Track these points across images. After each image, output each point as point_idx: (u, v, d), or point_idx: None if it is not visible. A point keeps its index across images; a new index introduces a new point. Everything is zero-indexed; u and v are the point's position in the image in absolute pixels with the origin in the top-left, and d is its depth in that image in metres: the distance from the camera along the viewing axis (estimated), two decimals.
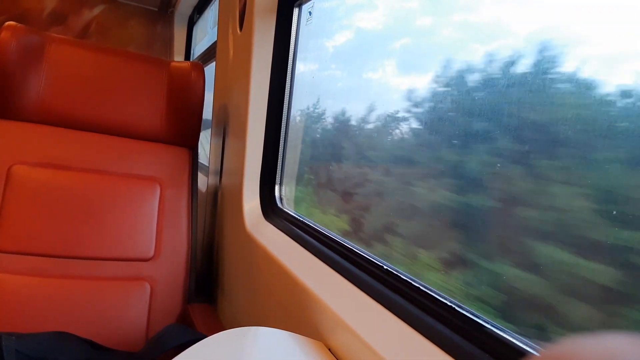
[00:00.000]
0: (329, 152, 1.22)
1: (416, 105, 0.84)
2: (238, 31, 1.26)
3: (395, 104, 0.91)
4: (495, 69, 0.67)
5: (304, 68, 1.21)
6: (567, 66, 0.58)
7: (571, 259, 0.55)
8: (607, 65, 0.53)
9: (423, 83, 0.83)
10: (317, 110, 1.25)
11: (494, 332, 0.54)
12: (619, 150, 0.51)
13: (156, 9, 2.84)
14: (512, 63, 0.64)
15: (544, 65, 0.59)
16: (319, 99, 1.23)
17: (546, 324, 0.59)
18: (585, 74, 0.55)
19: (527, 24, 0.65)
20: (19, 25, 1.18)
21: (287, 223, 1.10)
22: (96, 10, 2.66)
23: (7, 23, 1.17)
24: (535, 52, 0.61)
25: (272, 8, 1.15)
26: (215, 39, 1.60)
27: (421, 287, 0.67)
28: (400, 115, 0.89)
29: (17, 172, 1.14)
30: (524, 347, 0.51)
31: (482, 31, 0.75)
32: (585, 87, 0.55)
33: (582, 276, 0.54)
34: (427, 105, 0.82)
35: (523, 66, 0.63)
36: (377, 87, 1.03)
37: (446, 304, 0.62)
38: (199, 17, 2.75)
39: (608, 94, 0.52)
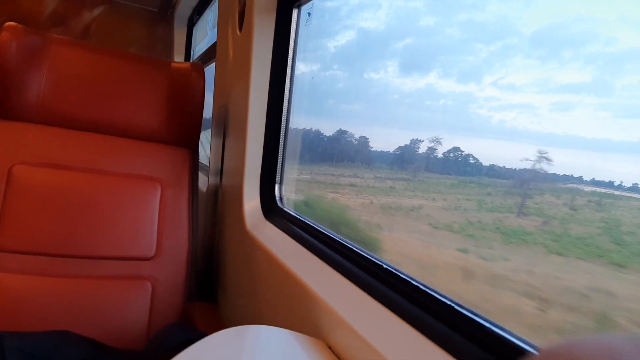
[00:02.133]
0: None
1: None
2: (238, 32, 1.27)
3: None
4: None
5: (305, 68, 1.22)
6: None
7: None
8: None
9: None
10: None
11: (493, 330, 0.55)
12: None
13: (156, 10, 2.84)
14: None
15: None
16: None
17: None
18: None
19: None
20: (20, 25, 1.19)
21: (287, 222, 1.11)
22: (96, 12, 2.66)
23: (7, 24, 1.18)
24: None
25: (271, 9, 1.15)
26: (215, 40, 1.61)
27: (420, 286, 0.68)
28: None
29: (18, 172, 1.15)
30: (523, 345, 0.51)
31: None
32: None
33: None
34: None
35: None
36: None
37: (445, 302, 0.63)
38: (198, 18, 2.76)
39: None
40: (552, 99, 0.64)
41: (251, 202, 1.20)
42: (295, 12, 1.16)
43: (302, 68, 1.21)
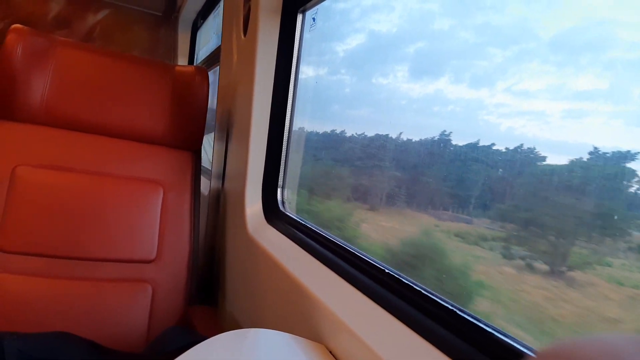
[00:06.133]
0: None
1: None
2: (242, 36, 1.27)
3: None
4: None
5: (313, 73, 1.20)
6: None
7: None
8: None
9: None
10: None
11: (494, 334, 0.55)
12: None
13: (160, 14, 2.86)
14: None
15: None
16: None
17: None
18: None
19: None
20: (25, 28, 1.19)
21: (289, 226, 1.11)
22: (100, 15, 2.68)
23: (13, 26, 1.18)
24: None
25: (276, 14, 1.16)
26: (219, 44, 1.62)
27: (422, 291, 0.68)
28: None
29: (21, 173, 1.15)
30: (522, 348, 0.51)
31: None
32: None
33: None
34: None
35: None
36: None
37: (447, 307, 0.62)
38: (202, 22, 2.77)
39: None
40: (566, 106, 0.63)
41: (253, 205, 1.20)
42: (300, 17, 1.17)
43: (310, 72, 1.20)
